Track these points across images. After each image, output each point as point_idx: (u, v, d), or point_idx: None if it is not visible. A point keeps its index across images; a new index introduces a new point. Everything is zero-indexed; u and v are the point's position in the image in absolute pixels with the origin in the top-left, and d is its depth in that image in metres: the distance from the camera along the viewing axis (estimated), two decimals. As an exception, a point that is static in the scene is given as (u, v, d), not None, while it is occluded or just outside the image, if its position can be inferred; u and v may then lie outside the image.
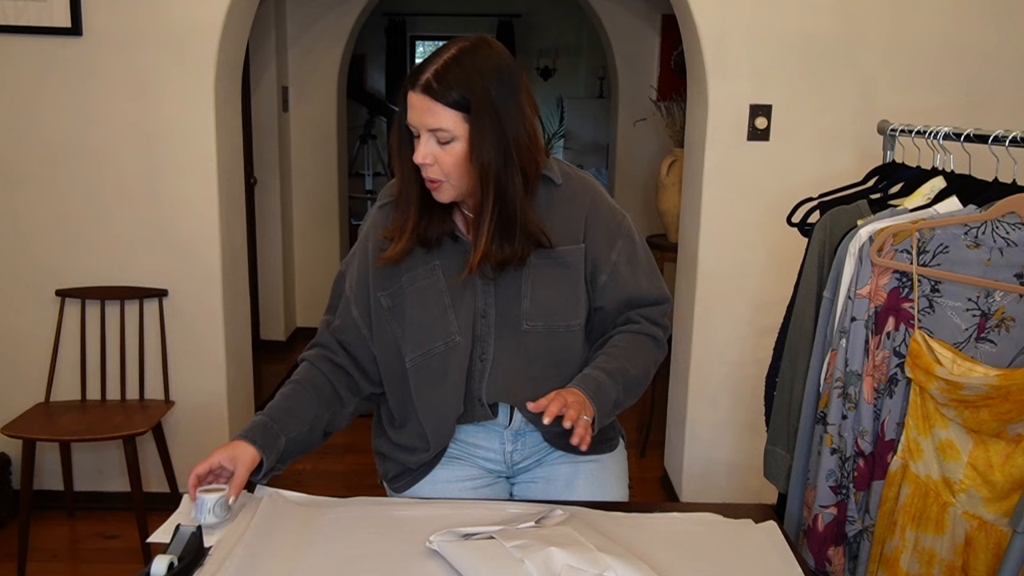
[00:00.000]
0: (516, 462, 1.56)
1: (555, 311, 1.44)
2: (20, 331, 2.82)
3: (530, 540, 1.20)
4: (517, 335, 1.43)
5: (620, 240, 1.48)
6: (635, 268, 1.50)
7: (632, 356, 1.45)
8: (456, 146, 1.31)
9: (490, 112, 1.30)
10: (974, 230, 1.48)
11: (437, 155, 1.32)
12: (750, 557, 1.29)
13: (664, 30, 4.83)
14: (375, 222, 1.49)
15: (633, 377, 1.44)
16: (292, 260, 4.87)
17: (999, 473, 1.41)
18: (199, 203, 2.76)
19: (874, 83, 2.68)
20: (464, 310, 1.43)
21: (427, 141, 1.32)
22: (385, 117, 8.31)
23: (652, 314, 1.51)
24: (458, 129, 1.31)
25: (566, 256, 1.44)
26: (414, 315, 1.43)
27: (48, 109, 2.70)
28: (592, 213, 1.47)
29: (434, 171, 1.33)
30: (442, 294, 1.42)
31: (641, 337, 1.49)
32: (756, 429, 2.74)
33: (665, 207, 3.51)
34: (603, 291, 1.47)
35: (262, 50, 4.38)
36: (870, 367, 1.56)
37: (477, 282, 1.43)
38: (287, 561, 1.23)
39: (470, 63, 1.30)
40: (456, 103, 1.29)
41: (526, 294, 1.42)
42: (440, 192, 1.36)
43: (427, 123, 1.30)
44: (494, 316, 1.43)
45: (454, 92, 1.29)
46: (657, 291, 1.52)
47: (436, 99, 1.29)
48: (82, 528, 2.85)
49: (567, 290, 1.44)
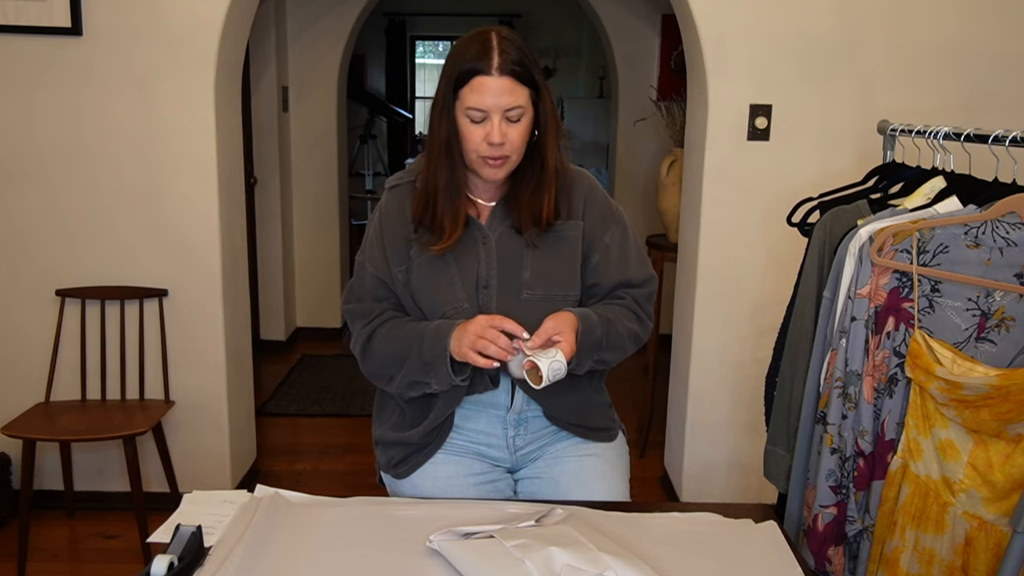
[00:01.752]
0: (519, 447, 1.58)
1: (554, 281, 1.53)
2: (20, 331, 2.82)
3: (530, 539, 1.20)
4: (517, 304, 1.50)
5: (613, 225, 1.60)
6: (625, 252, 1.60)
7: (618, 316, 1.55)
8: (524, 121, 1.45)
9: (544, 86, 1.47)
10: (974, 230, 1.48)
11: (508, 133, 1.43)
12: (750, 557, 1.29)
13: (664, 30, 4.83)
14: (388, 204, 1.57)
15: (618, 331, 1.52)
16: (292, 260, 4.87)
17: (999, 473, 1.41)
18: (199, 203, 2.76)
19: (874, 83, 2.68)
20: (468, 279, 1.51)
21: (500, 122, 1.42)
22: (385, 117, 8.30)
23: (639, 295, 1.61)
24: (528, 105, 1.44)
25: (566, 230, 1.55)
26: (424, 284, 1.52)
27: (48, 109, 2.70)
28: (590, 197, 1.59)
29: (506, 148, 1.44)
30: (448, 263, 1.51)
31: (626, 309, 1.58)
32: (756, 429, 2.74)
33: (665, 207, 3.51)
34: (595, 270, 1.57)
35: (262, 50, 4.38)
36: (870, 367, 1.56)
37: (480, 254, 1.52)
38: (287, 561, 1.23)
39: (523, 45, 1.45)
40: (531, 80, 1.44)
41: (527, 264, 1.52)
42: (503, 168, 1.47)
43: (507, 103, 1.42)
44: (496, 287, 1.51)
45: (531, 71, 1.43)
46: (645, 273, 1.63)
47: (518, 80, 1.42)
48: (82, 528, 2.85)
49: (565, 262, 1.54)
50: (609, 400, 1.68)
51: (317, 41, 4.66)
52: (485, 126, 1.42)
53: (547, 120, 1.48)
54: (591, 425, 1.61)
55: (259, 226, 4.54)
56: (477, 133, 1.43)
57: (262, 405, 3.92)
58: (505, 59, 1.41)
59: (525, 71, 1.42)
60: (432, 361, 1.44)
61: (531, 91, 1.44)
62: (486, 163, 1.46)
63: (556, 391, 1.47)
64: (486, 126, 1.42)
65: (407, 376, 1.48)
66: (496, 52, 1.41)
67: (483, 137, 1.42)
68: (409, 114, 8.72)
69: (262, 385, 4.15)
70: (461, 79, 1.42)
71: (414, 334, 1.48)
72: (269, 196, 4.57)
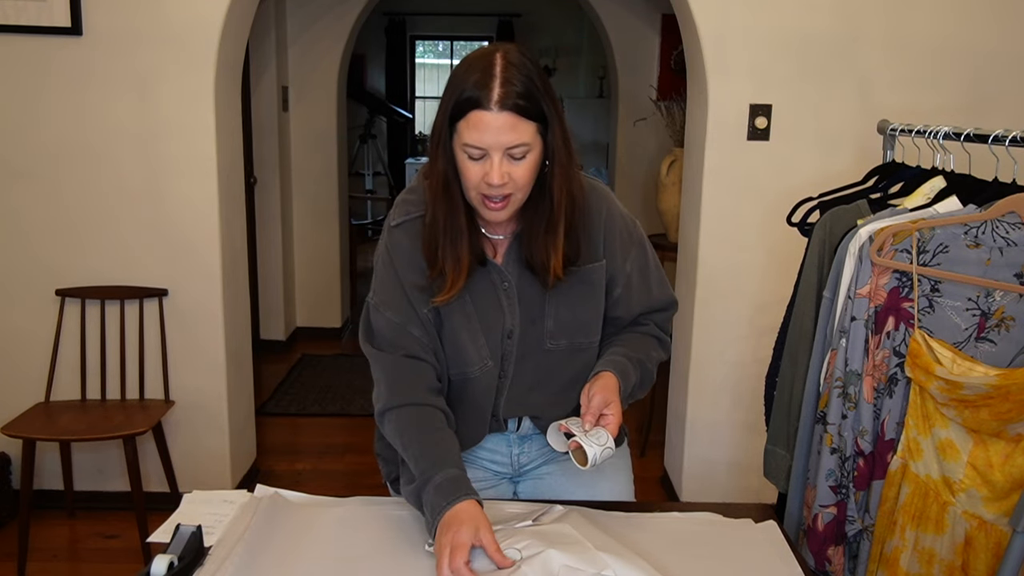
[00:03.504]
0: (523, 464, 1.57)
1: (578, 329, 1.44)
2: (20, 331, 2.82)
3: (528, 539, 1.20)
4: (539, 354, 1.43)
5: (633, 249, 1.48)
6: (647, 277, 1.51)
7: (647, 351, 1.49)
8: (530, 157, 1.28)
9: (555, 117, 1.29)
10: (974, 230, 1.48)
11: (511, 172, 1.27)
12: (750, 557, 1.29)
13: (664, 30, 4.83)
14: (400, 245, 1.41)
15: (648, 370, 1.47)
16: (292, 260, 4.87)
17: (999, 473, 1.41)
18: (199, 203, 2.76)
19: (874, 83, 2.68)
20: (493, 332, 1.41)
21: (500, 160, 1.26)
22: (385, 117, 8.30)
23: (660, 319, 1.55)
24: (535, 141, 1.28)
25: (589, 274, 1.43)
26: (448, 339, 1.41)
27: (48, 109, 2.70)
28: (608, 226, 1.45)
29: (507, 187, 1.28)
30: (471, 317, 1.40)
31: (650, 338, 1.52)
32: (756, 429, 2.74)
33: (665, 207, 3.51)
34: (617, 303, 1.48)
35: (262, 50, 4.38)
36: (870, 367, 1.56)
37: (503, 304, 1.41)
38: (287, 561, 1.23)
39: (532, 70, 1.27)
40: (537, 115, 1.26)
41: (550, 313, 1.41)
42: (506, 210, 1.32)
43: (508, 141, 1.25)
44: (518, 336, 1.43)
45: (540, 103, 1.26)
46: (666, 297, 1.55)
47: (522, 115, 1.24)
48: (82, 528, 2.85)
49: (590, 308, 1.44)
50: None
51: (317, 41, 4.66)
52: (484, 164, 1.26)
53: (557, 153, 1.30)
54: None
55: (259, 226, 4.54)
56: (476, 171, 1.27)
57: (262, 405, 3.92)
58: (508, 91, 1.23)
59: (531, 104, 1.25)
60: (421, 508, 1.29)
61: (539, 125, 1.27)
62: (486, 204, 1.30)
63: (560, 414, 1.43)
64: (485, 164, 1.26)
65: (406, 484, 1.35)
66: (498, 83, 1.23)
67: (482, 176, 1.27)
68: (409, 114, 8.71)
69: (262, 385, 4.15)
70: (457, 111, 1.25)
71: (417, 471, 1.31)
72: (269, 196, 4.57)
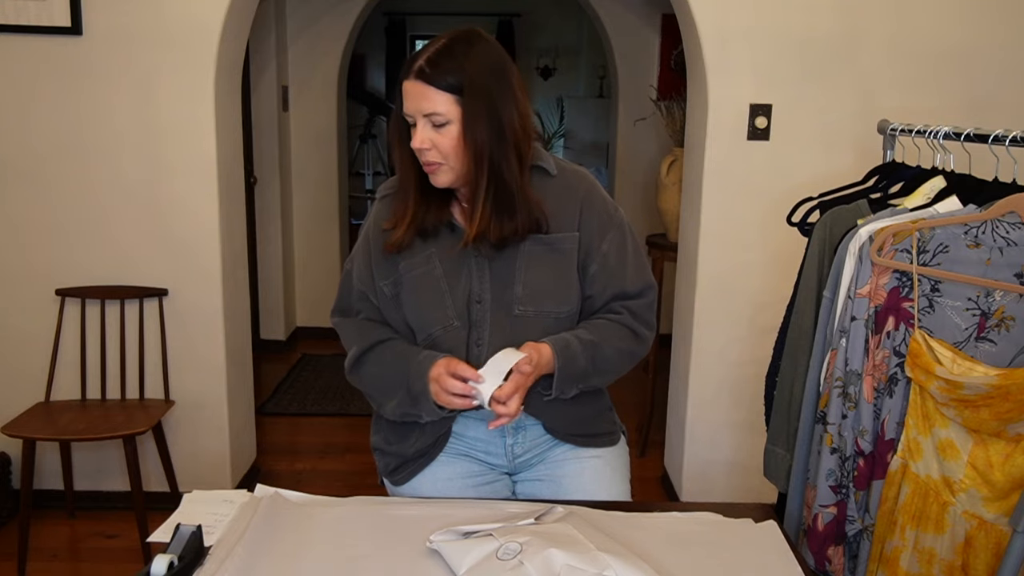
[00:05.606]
0: (518, 455, 1.57)
1: (547, 297, 1.47)
2: (20, 331, 2.82)
3: (530, 538, 1.20)
4: (509, 320, 1.46)
5: (612, 231, 1.52)
6: (623, 260, 1.53)
7: (607, 336, 1.49)
8: (451, 128, 1.37)
9: (481, 93, 1.36)
10: (974, 229, 1.48)
11: (434, 139, 1.38)
12: (750, 557, 1.29)
13: (664, 30, 4.83)
14: (377, 214, 1.54)
15: (605, 356, 1.47)
16: (292, 260, 4.88)
17: (999, 472, 1.41)
18: (199, 202, 2.76)
19: (874, 83, 2.68)
20: (460, 295, 1.46)
21: (423, 127, 1.38)
22: (385, 117, 8.31)
23: (637, 307, 1.54)
24: (452, 112, 1.37)
25: (561, 243, 1.48)
26: (413, 301, 1.47)
27: (48, 108, 2.70)
28: (587, 203, 1.51)
29: (432, 155, 1.39)
30: (439, 280, 1.46)
31: (620, 326, 1.51)
32: (756, 429, 2.74)
33: (665, 207, 3.51)
34: (592, 281, 1.51)
35: (262, 50, 4.38)
36: (870, 366, 1.56)
37: (472, 267, 1.46)
38: (287, 561, 1.23)
39: (460, 49, 1.37)
40: (449, 86, 1.36)
41: (519, 279, 1.46)
42: (438, 175, 1.42)
43: (422, 108, 1.36)
44: (489, 301, 1.46)
45: (448, 76, 1.35)
46: (642, 282, 1.55)
47: (429, 83, 1.35)
48: (82, 528, 2.85)
49: (560, 276, 1.48)
50: (610, 404, 1.64)
51: (317, 41, 4.66)
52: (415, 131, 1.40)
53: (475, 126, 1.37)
54: (592, 432, 1.59)
55: (259, 226, 4.54)
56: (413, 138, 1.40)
57: (262, 405, 3.92)
58: (425, 62, 1.36)
59: (441, 76, 1.35)
60: (418, 396, 1.41)
61: (456, 98, 1.36)
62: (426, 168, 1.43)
63: (555, 404, 1.47)
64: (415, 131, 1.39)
65: (398, 408, 1.46)
66: (422, 55, 1.37)
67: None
68: (409, 114, 8.70)
69: (262, 385, 4.15)
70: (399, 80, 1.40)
71: (400, 365, 1.44)
72: (269, 196, 4.57)
